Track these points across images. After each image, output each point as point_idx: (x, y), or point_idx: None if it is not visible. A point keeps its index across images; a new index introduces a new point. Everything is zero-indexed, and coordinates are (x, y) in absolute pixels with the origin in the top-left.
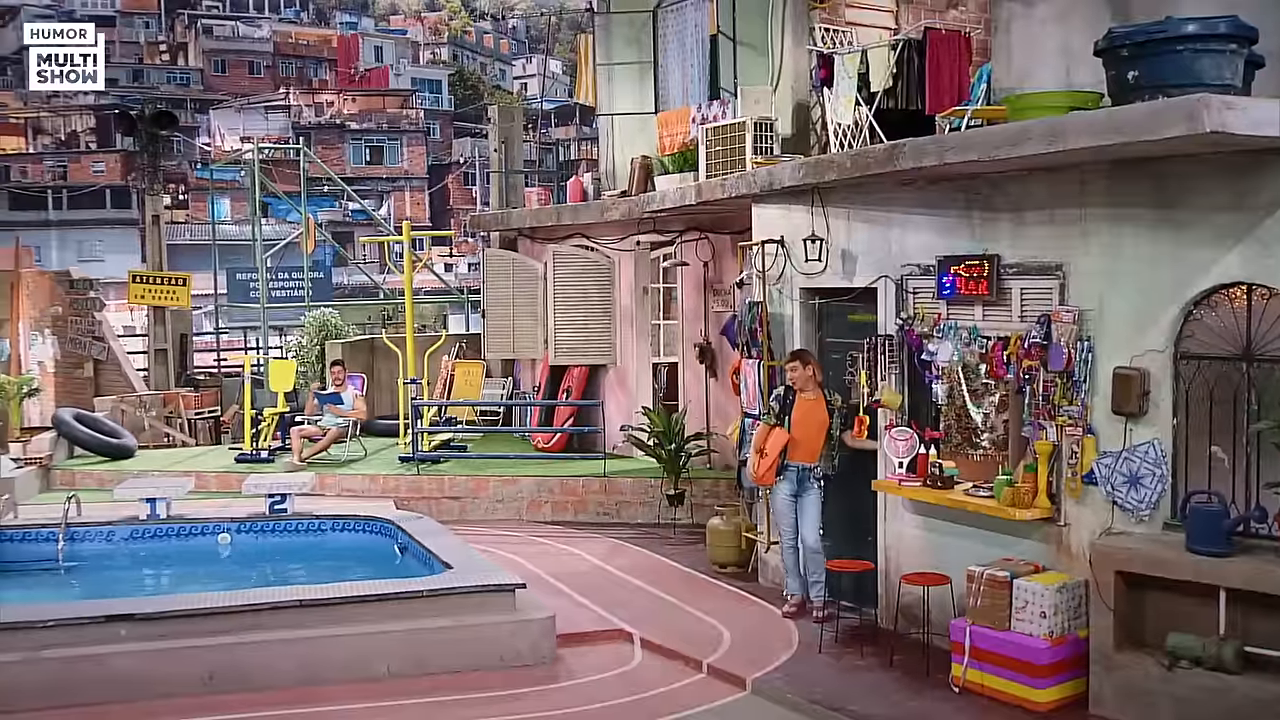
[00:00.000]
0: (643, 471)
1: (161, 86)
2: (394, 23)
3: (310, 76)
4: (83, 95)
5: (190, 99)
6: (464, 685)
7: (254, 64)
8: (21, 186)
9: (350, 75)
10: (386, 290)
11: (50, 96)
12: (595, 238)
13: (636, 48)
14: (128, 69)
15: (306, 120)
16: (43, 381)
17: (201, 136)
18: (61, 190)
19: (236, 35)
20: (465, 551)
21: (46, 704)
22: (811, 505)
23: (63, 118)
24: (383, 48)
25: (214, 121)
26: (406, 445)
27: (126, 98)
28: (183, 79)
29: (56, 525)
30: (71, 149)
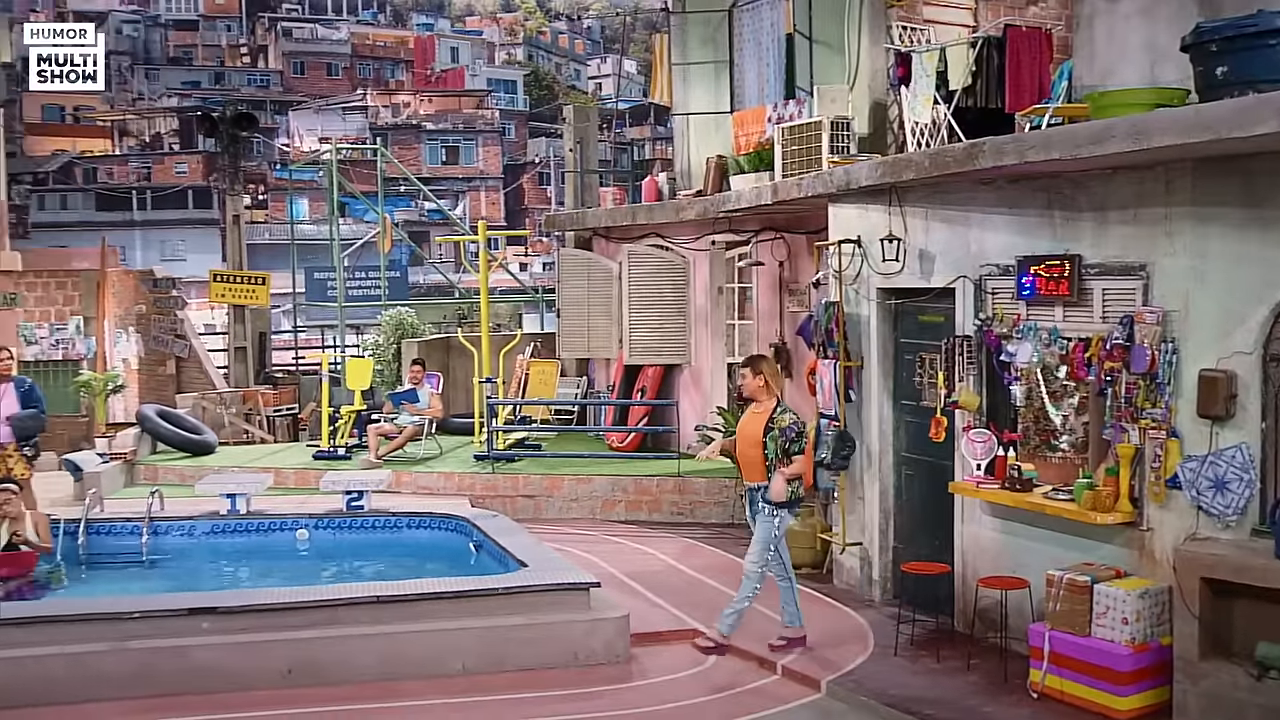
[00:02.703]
0: (717, 471)
1: (242, 88)
2: (470, 24)
3: (387, 77)
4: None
5: (270, 100)
6: (538, 683)
7: (332, 65)
8: (108, 188)
9: (426, 76)
10: (461, 289)
11: (135, 99)
12: (670, 237)
13: (712, 47)
14: (210, 71)
15: (383, 121)
16: (127, 378)
17: (281, 137)
18: (146, 191)
19: (315, 37)
20: (540, 550)
21: (131, 693)
22: (759, 529)
23: (147, 120)
24: (458, 48)
25: (293, 122)
26: (482, 443)
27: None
28: (262, 81)
29: (141, 519)
30: (155, 150)
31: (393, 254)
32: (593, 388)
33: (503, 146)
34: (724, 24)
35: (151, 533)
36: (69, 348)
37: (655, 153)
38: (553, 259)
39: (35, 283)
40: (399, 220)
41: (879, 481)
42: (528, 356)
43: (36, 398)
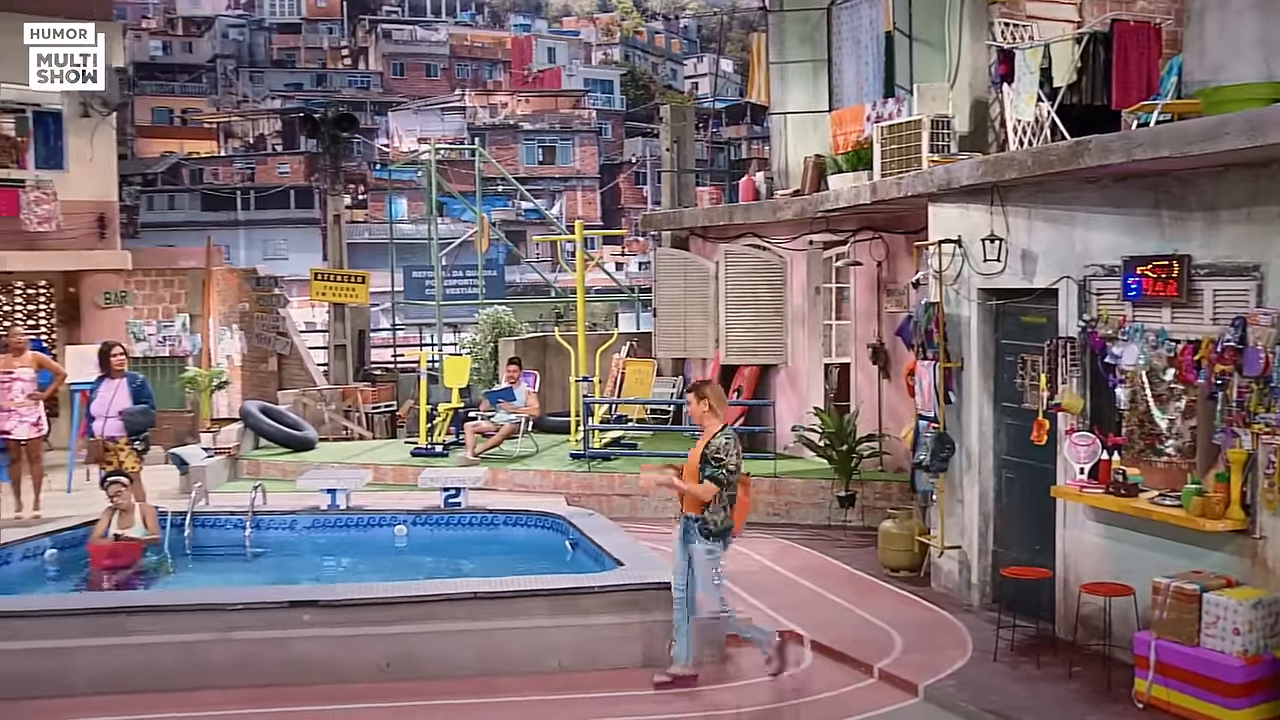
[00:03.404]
0: (813, 472)
1: (343, 90)
2: (566, 24)
3: (485, 78)
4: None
5: (370, 101)
6: (633, 682)
7: (431, 67)
8: (213, 188)
9: (524, 76)
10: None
11: (240, 102)
12: (767, 237)
13: (810, 45)
14: (311, 74)
15: (481, 121)
16: (230, 375)
17: (380, 138)
18: (249, 191)
19: (414, 39)
20: (636, 549)
21: (235, 682)
22: (696, 562)
23: (251, 122)
24: (555, 49)
25: (392, 123)
26: (578, 442)
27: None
28: (363, 82)
29: (244, 513)
30: (259, 152)
31: (490, 253)
32: None
33: (599, 146)
34: (822, 22)
35: (254, 526)
36: (175, 344)
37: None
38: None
39: (144, 281)
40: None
41: (978, 484)
42: (624, 355)
43: (147, 394)
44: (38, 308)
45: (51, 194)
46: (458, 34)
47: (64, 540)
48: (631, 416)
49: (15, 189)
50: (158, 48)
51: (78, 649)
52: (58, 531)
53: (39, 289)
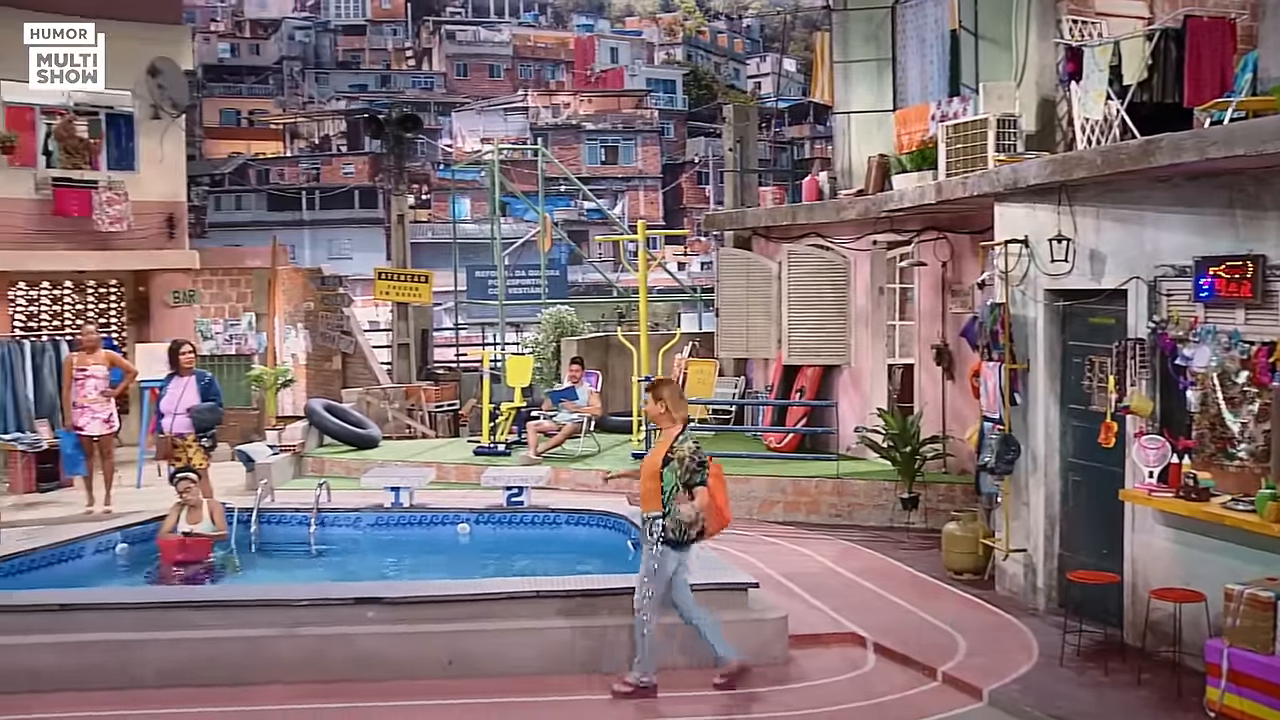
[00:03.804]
0: (876, 474)
1: (407, 91)
2: (629, 24)
3: (548, 78)
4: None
5: (434, 102)
6: (696, 682)
7: (494, 67)
8: (279, 188)
9: (586, 76)
10: (620, 288)
11: (306, 103)
12: (830, 237)
13: (874, 44)
14: (376, 75)
15: (544, 121)
16: (295, 373)
17: (444, 138)
18: (314, 191)
19: (478, 40)
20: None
21: (301, 677)
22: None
23: (316, 123)
24: (618, 49)
25: (455, 124)
26: (640, 442)
27: (375, 102)
28: (427, 83)
29: (309, 510)
30: (324, 152)
31: (552, 253)
32: (750, 388)
33: (662, 146)
34: (887, 21)
35: (319, 523)
36: (242, 343)
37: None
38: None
39: (211, 280)
40: (559, 219)
41: (1044, 487)
42: (686, 356)
43: (215, 391)
44: (109, 306)
45: (123, 195)
46: (521, 34)
47: (134, 535)
48: (693, 416)
49: (88, 190)
50: (225, 50)
51: (146, 642)
52: (128, 526)
53: (110, 288)
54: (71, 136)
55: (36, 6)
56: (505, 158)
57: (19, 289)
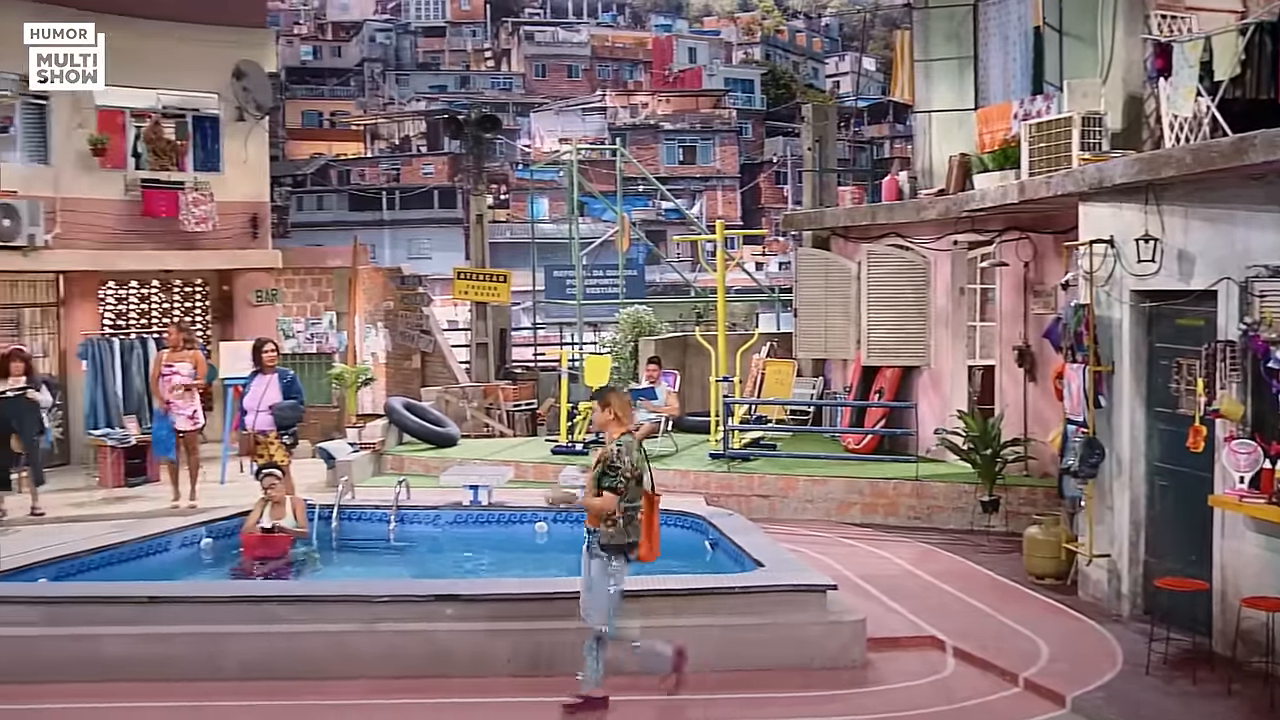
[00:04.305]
0: (956, 476)
1: (486, 91)
2: (707, 24)
3: (626, 78)
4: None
5: (512, 103)
6: (773, 684)
7: (572, 68)
8: (360, 189)
9: (664, 76)
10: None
11: (386, 104)
12: (910, 237)
13: (956, 43)
14: (455, 76)
15: (622, 121)
16: (375, 372)
17: (522, 139)
18: (394, 191)
19: (556, 40)
20: (776, 550)
21: (380, 672)
22: (594, 577)
23: (396, 124)
24: (696, 49)
25: (534, 124)
26: (717, 442)
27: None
28: (505, 84)
29: (389, 507)
30: (404, 153)
31: (630, 253)
32: (829, 388)
33: (740, 146)
34: (969, 19)
35: (398, 520)
36: (323, 341)
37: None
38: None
39: (293, 279)
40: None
41: (1129, 491)
42: (764, 356)
43: (297, 390)
44: (194, 305)
45: (208, 195)
46: (599, 35)
47: (218, 530)
48: (771, 417)
49: (175, 191)
50: (308, 52)
51: (230, 635)
52: (212, 521)
53: (195, 287)
54: (160, 139)
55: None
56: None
57: (108, 288)
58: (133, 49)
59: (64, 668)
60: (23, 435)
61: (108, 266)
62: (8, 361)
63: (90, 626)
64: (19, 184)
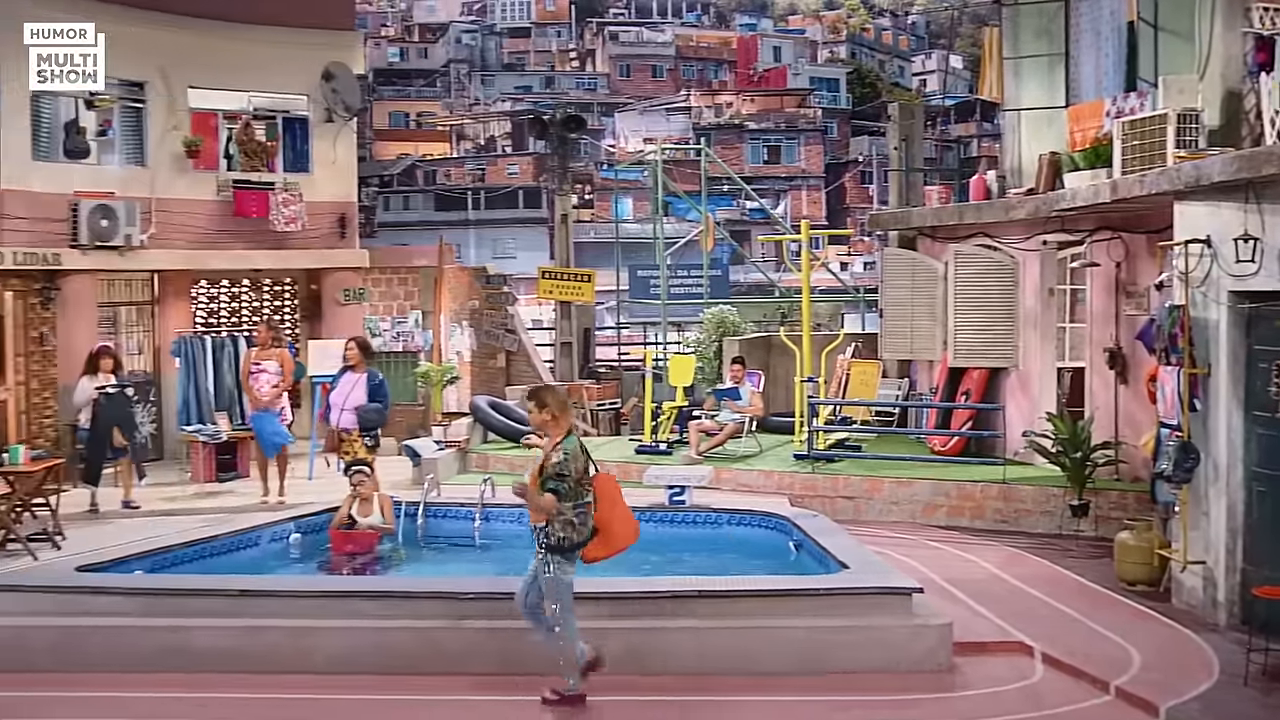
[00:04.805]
0: (1044, 479)
1: (571, 91)
2: (792, 22)
3: (710, 78)
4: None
5: (597, 103)
6: (858, 687)
7: (657, 67)
8: (445, 189)
9: (749, 76)
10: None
11: (472, 104)
12: (998, 237)
13: (1046, 39)
14: (540, 76)
15: (706, 121)
16: (461, 370)
17: (607, 139)
18: (479, 191)
19: (641, 40)
20: (861, 552)
21: (466, 669)
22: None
23: (482, 124)
24: (781, 48)
25: (619, 124)
26: (801, 443)
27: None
28: (590, 84)
29: (474, 505)
30: (489, 153)
31: (714, 252)
32: (914, 390)
33: (825, 145)
34: (1060, 14)
35: (483, 518)
36: (408, 340)
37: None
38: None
39: (380, 279)
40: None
41: (1226, 497)
42: (849, 356)
43: (383, 394)
44: (283, 304)
45: (298, 195)
46: (684, 34)
47: (306, 525)
48: (856, 418)
49: (265, 191)
50: (395, 54)
51: (318, 629)
52: (301, 517)
53: (284, 286)
54: (251, 140)
55: (212, 16)
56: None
57: (200, 287)
58: (225, 52)
59: (157, 658)
60: (125, 430)
61: (200, 266)
62: (98, 359)
63: (183, 618)
64: (117, 185)
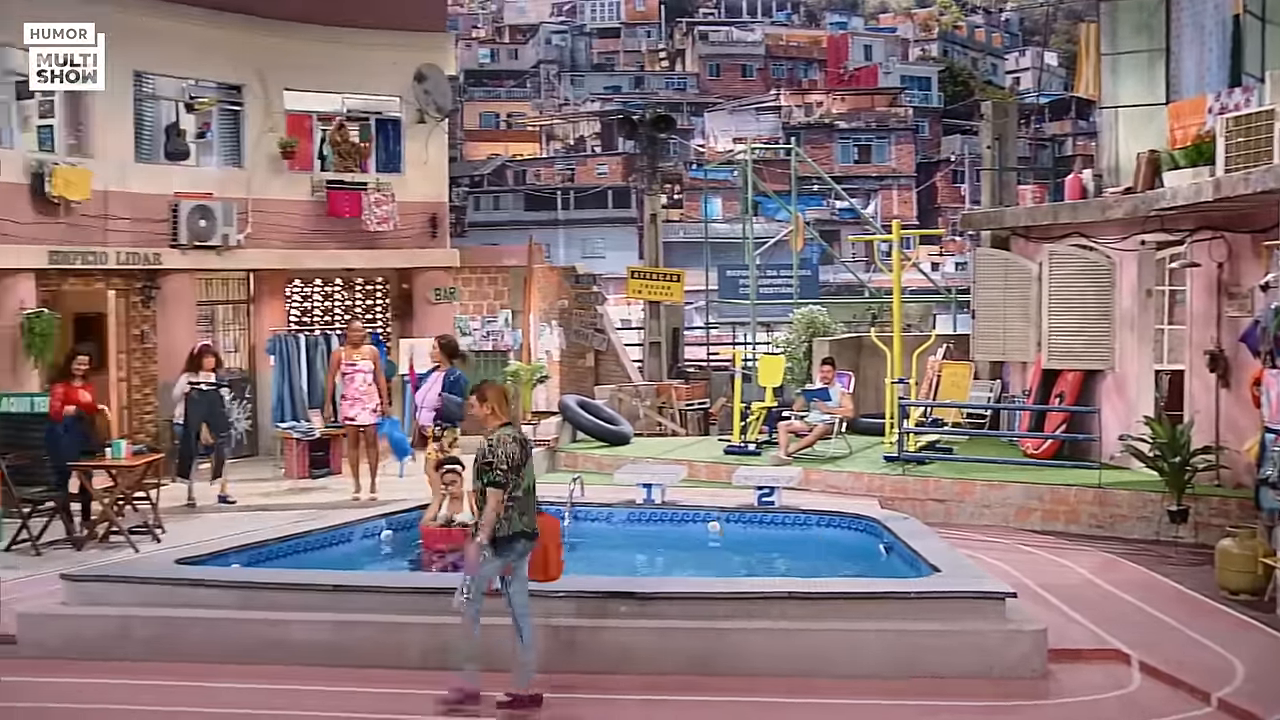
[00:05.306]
0: (1141, 484)
1: (660, 91)
2: (883, 21)
3: (800, 77)
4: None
5: (686, 103)
6: (950, 692)
7: (746, 67)
8: (535, 189)
9: (839, 75)
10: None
11: (561, 105)
12: (1094, 237)
13: (1146, 34)
14: (630, 76)
15: (796, 120)
16: (550, 369)
17: (696, 138)
18: (569, 191)
19: (730, 40)
20: (952, 555)
21: (555, 667)
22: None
23: (572, 124)
24: (872, 46)
25: (708, 123)
26: (892, 444)
27: (628, 104)
28: (680, 84)
29: (563, 504)
30: (579, 153)
31: (804, 252)
32: (1006, 391)
33: (916, 144)
34: (1160, 9)
35: (573, 517)
36: (498, 339)
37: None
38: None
39: (470, 278)
40: (810, 219)
41: None
42: (940, 358)
43: (459, 389)
44: (375, 303)
45: (390, 196)
46: (773, 34)
47: (398, 522)
48: (947, 420)
49: (358, 191)
50: (486, 55)
51: (411, 624)
52: (392, 514)
53: (376, 285)
54: (344, 141)
55: (306, 20)
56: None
57: (294, 286)
58: (319, 55)
59: (253, 650)
60: (214, 427)
61: (294, 265)
62: (200, 356)
63: (279, 612)
64: (214, 186)
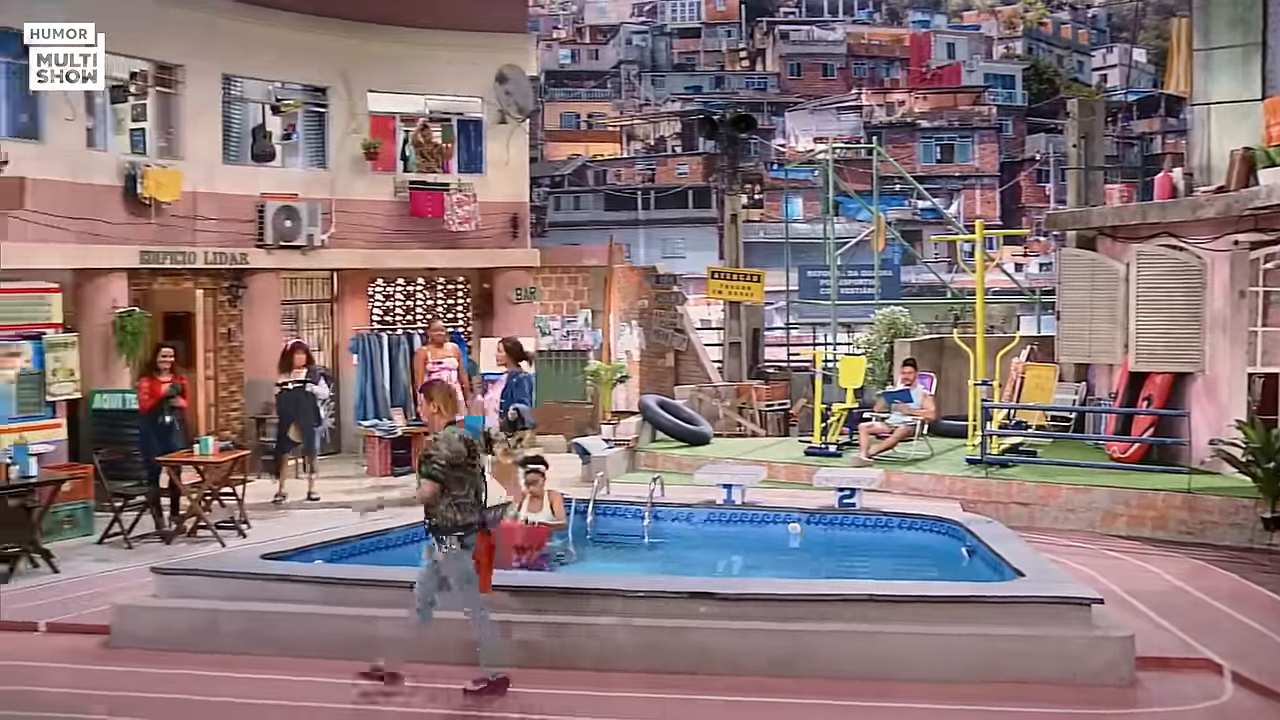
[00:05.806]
0: (1233, 490)
1: (741, 91)
2: (967, 19)
3: (882, 76)
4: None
5: (767, 102)
6: (1033, 698)
7: (828, 66)
8: (615, 189)
9: (921, 73)
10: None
11: (642, 105)
12: (1184, 237)
13: (1242, 29)
14: (710, 76)
15: (878, 119)
16: (630, 369)
17: (777, 138)
18: (649, 191)
19: (811, 39)
20: (1036, 560)
21: (636, 666)
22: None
23: (652, 124)
24: (955, 44)
25: (789, 123)
26: (974, 447)
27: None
28: (760, 83)
29: (643, 503)
30: (659, 153)
31: (885, 253)
32: (1092, 394)
33: (999, 143)
34: (1256, 3)
35: (653, 517)
36: (578, 339)
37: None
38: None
39: (550, 278)
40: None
41: None
42: (1024, 359)
43: (520, 395)
44: (456, 302)
45: (471, 196)
46: (855, 33)
47: None
48: (1031, 422)
49: (441, 192)
50: (566, 56)
51: None
52: None
53: (457, 284)
54: (427, 142)
55: (389, 22)
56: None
57: (377, 285)
58: (402, 57)
59: (337, 644)
60: (303, 424)
61: (377, 265)
62: (292, 354)
63: (362, 608)
64: (299, 187)
